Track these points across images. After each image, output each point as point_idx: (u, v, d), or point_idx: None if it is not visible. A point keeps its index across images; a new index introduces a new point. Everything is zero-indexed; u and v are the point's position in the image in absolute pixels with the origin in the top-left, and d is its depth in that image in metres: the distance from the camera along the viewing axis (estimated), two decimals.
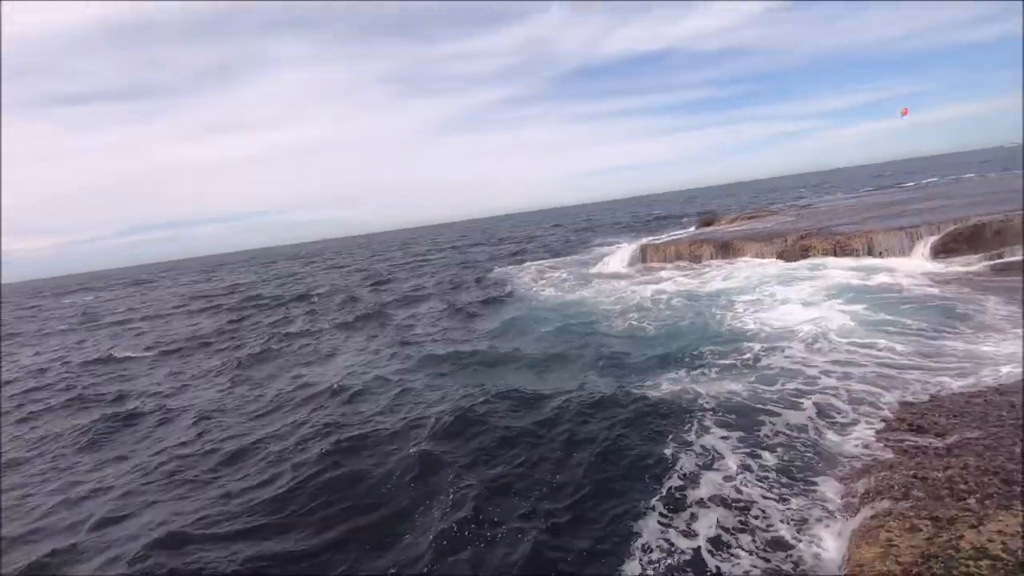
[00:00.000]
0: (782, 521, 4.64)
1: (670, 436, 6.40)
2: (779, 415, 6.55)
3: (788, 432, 6.12)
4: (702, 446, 6.05)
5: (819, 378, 7.40)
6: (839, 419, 6.19)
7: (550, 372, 9.68)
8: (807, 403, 6.72)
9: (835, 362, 7.86)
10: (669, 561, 4.42)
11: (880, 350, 8.02)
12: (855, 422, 6.03)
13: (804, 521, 4.60)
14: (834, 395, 6.81)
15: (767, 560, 4.26)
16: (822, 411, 6.44)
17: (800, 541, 4.38)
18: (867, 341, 8.46)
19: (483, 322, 14.96)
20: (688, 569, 4.32)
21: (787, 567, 4.15)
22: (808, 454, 5.62)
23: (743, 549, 4.41)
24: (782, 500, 4.91)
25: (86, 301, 48.20)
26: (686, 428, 6.52)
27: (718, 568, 4.27)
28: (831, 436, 5.86)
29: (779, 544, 4.40)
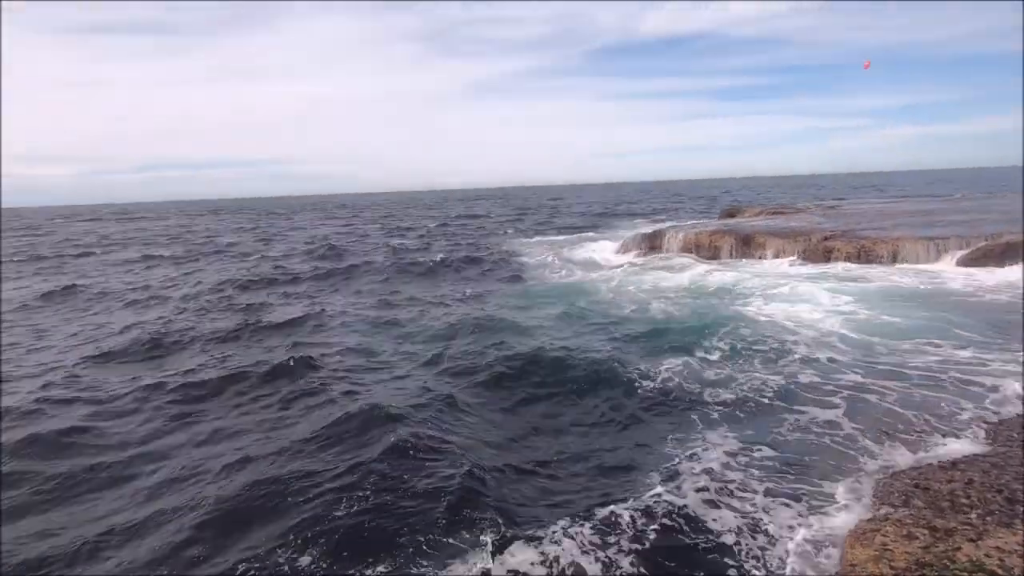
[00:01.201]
0: (775, 511, 4.67)
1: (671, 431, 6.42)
2: (794, 410, 6.54)
3: (799, 427, 6.13)
4: (703, 436, 6.08)
5: (836, 376, 7.37)
6: (849, 420, 6.17)
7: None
8: (820, 400, 6.71)
9: (853, 363, 7.82)
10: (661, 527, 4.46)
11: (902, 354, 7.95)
12: (865, 425, 6.01)
13: (800, 515, 4.62)
14: (849, 396, 6.79)
15: (759, 549, 4.30)
16: (834, 409, 6.43)
17: (794, 534, 4.41)
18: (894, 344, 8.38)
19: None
20: (681, 534, 4.38)
21: (779, 558, 4.19)
22: (813, 450, 5.63)
23: (734, 533, 4.45)
24: (778, 493, 4.93)
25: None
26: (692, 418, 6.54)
27: (708, 551, 4.31)
28: (838, 436, 5.86)
29: (771, 534, 4.43)
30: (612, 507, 4.77)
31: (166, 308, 14.53)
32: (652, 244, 20.73)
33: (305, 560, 4.38)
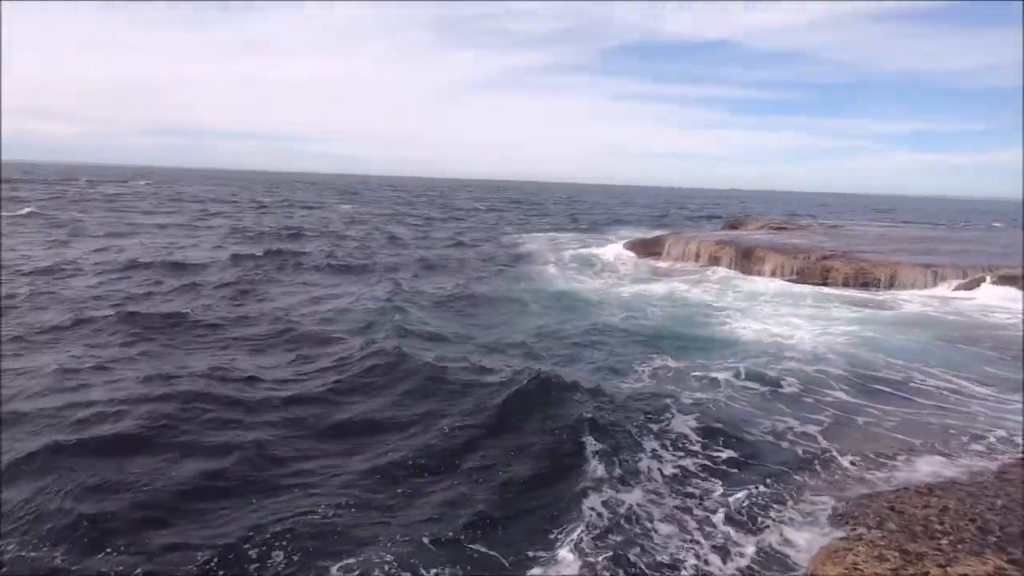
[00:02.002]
0: (747, 522, 4.72)
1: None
2: (774, 421, 6.59)
3: (777, 440, 6.18)
4: (677, 434, 6.12)
5: (820, 393, 7.42)
6: (828, 439, 6.22)
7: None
8: (802, 416, 6.76)
9: (841, 380, 7.87)
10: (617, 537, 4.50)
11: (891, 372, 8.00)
12: (844, 444, 6.06)
13: (772, 527, 4.66)
14: (832, 414, 6.84)
15: (726, 556, 4.35)
16: (814, 425, 6.48)
17: (765, 546, 4.46)
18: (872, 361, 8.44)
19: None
20: (636, 545, 4.42)
21: (748, 567, 4.24)
22: (790, 465, 5.67)
23: (706, 540, 4.50)
24: (751, 505, 4.97)
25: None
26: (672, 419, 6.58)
27: (676, 556, 4.35)
28: (815, 451, 5.91)
29: (740, 544, 4.48)
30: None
31: None
32: (651, 250, 20.77)
33: None
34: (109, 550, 4.30)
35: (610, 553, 4.33)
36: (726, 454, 5.88)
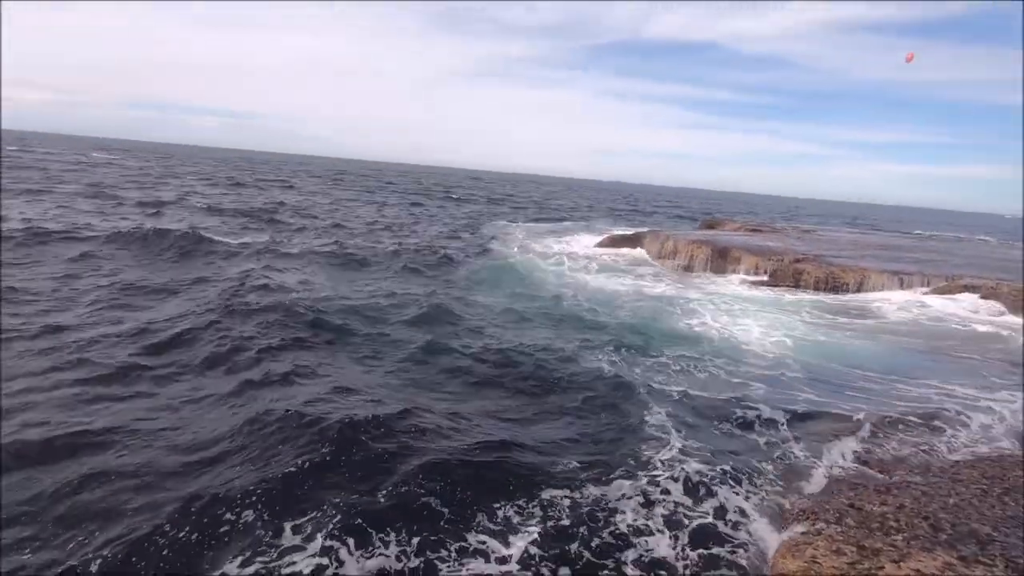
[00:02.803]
0: (714, 514, 4.84)
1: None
2: (736, 416, 6.74)
3: (741, 431, 6.32)
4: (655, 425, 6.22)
5: (786, 392, 7.61)
6: (790, 432, 6.39)
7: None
8: (769, 409, 6.93)
9: (799, 378, 8.08)
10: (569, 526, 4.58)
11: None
12: (806, 442, 6.23)
13: (736, 522, 4.79)
14: (795, 409, 7.02)
15: (690, 547, 4.45)
16: (778, 421, 6.65)
17: (730, 538, 4.57)
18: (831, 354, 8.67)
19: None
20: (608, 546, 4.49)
21: (710, 557, 4.34)
22: (752, 458, 5.83)
23: (668, 531, 4.59)
24: (716, 495, 5.09)
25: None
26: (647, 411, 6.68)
27: (643, 545, 4.44)
28: (779, 446, 6.07)
29: (706, 535, 4.59)
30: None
31: None
32: (630, 245, 20.93)
33: None
34: None
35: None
36: (689, 443, 6.00)
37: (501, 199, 53.41)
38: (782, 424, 6.74)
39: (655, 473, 5.43)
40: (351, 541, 4.23)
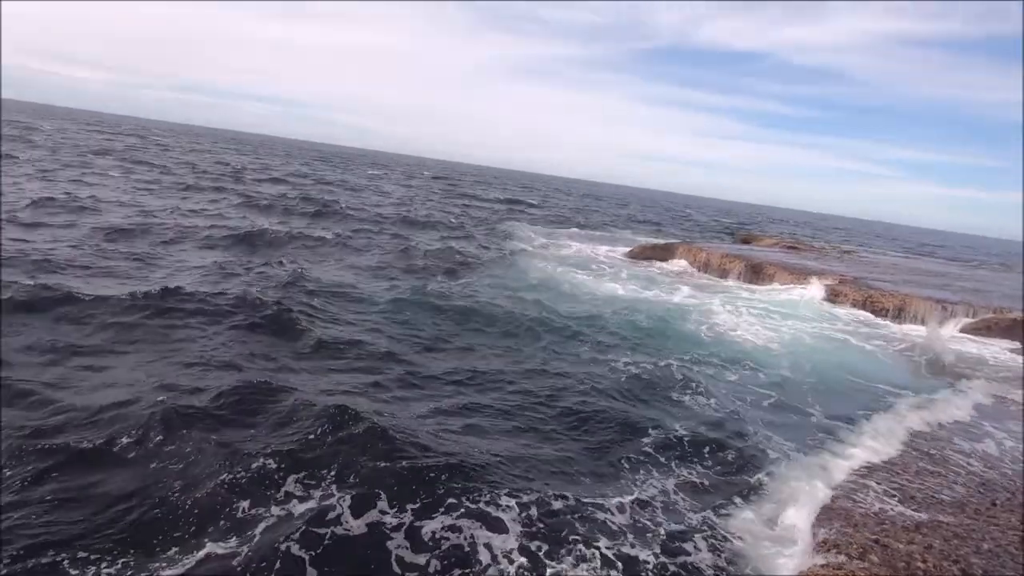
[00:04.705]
0: (734, 536, 4.69)
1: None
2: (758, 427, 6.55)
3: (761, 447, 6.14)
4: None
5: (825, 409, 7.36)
6: (816, 457, 6.17)
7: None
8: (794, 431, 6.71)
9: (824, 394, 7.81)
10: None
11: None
12: (834, 470, 6.01)
13: (746, 549, 4.64)
14: (822, 432, 6.78)
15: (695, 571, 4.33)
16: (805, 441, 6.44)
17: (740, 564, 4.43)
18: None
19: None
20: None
21: None
22: (774, 477, 5.66)
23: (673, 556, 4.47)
24: (730, 518, 4.94)
25: None
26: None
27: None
28: (804, 472, 5.87)
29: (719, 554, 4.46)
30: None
31: None
32: (661, 256, 20.65)
33: None
34: None
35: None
36: (711, 459, 5.85)
37: (524, 202, 53.35)
38: (807, 446, 6.53)
39: (649, 485, 5.31)
40: None
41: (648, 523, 4.82)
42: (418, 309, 10.36)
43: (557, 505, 4.84)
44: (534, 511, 4.70)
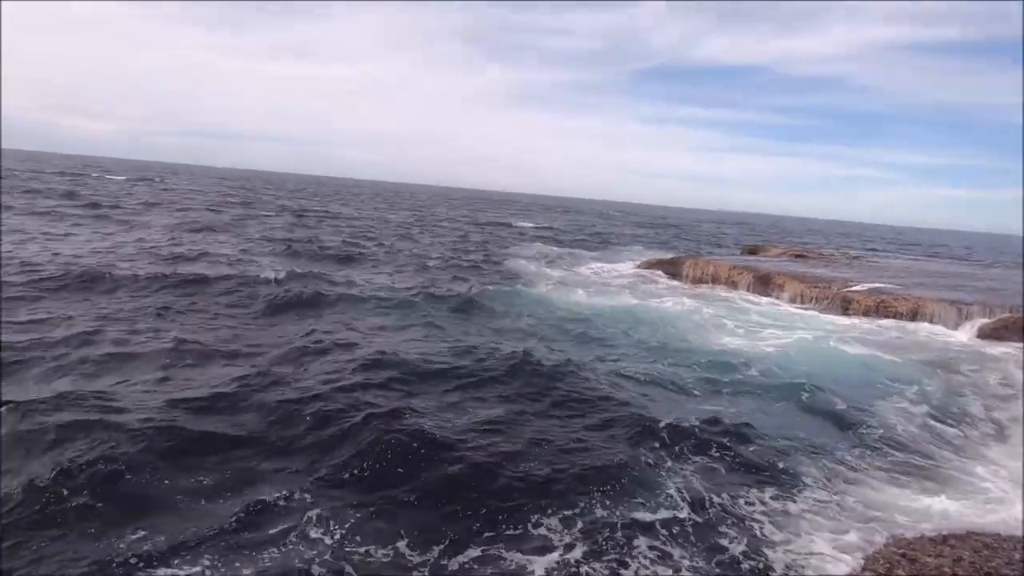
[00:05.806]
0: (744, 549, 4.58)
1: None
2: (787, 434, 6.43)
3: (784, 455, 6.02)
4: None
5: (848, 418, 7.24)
6: (843, 466, 6.04)
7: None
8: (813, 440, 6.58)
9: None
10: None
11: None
12: (859, 480, 5.87)
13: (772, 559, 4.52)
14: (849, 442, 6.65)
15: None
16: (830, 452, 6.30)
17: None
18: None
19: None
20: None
21: None
22: (795, 486, 5.59)
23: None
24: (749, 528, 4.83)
25: None
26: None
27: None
28: (822, 475, 5.75)
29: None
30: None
31: None
32: (669, 270, 20.61)
33: None
34: None
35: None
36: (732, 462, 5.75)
37: (539, 225, 53.47)
38: (832, 455, 6.40)
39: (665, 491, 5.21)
40: None
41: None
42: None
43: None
44: None
